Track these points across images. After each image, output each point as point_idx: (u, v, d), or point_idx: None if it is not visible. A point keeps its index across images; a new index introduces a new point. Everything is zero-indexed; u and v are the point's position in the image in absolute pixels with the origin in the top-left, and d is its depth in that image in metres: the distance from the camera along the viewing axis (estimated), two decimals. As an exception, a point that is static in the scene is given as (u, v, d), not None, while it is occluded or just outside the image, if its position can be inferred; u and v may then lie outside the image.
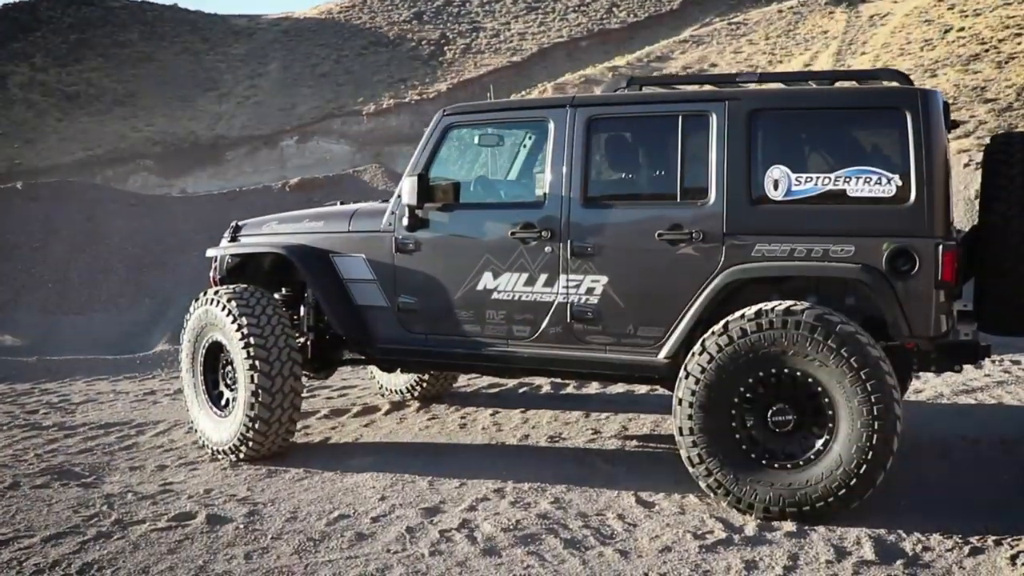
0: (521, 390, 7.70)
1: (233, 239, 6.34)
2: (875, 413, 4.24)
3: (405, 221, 5.45)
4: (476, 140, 5.62)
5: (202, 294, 5.91)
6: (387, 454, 5.81)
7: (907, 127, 4.38)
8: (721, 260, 4.69)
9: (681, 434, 4.58)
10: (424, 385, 7.35)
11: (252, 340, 5.53)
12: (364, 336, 5.72)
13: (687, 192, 4.82)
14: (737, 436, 4.52)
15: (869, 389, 4.24)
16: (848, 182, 4.46)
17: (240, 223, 6.44)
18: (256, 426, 5.53)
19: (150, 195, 15.30)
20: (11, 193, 13.34)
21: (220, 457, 5.78)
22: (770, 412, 4.48)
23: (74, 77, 31.26)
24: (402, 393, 7.51)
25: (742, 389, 4.48)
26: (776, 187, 4.60)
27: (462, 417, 6.81)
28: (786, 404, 4.45)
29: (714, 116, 4.73)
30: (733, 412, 4.51)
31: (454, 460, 5.63)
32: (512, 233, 5.16)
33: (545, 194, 5.13)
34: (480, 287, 5.30)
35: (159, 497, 5.09)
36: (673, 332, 4.84)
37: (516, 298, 5.21)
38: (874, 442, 4.24)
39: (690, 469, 4.60)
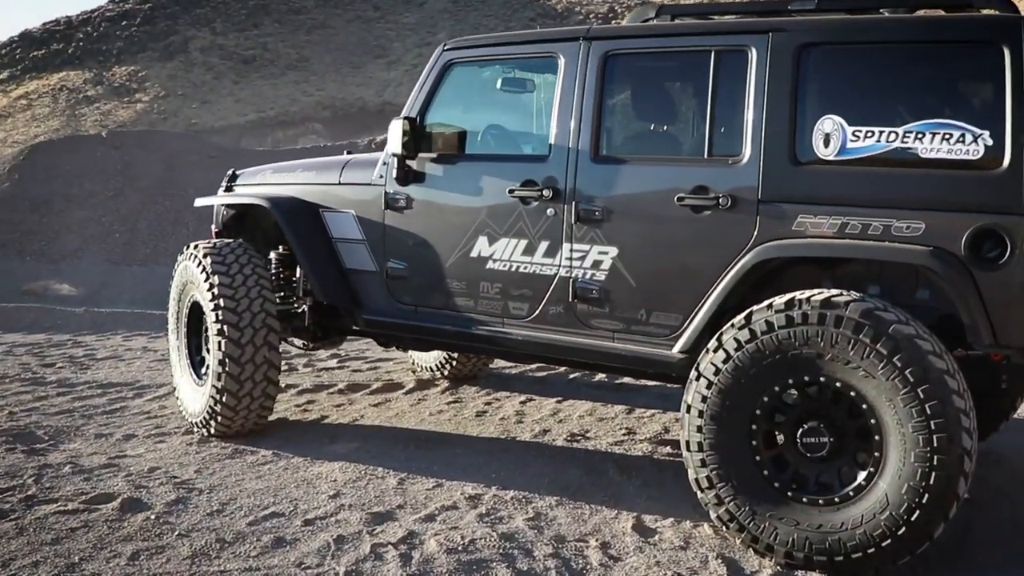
0: (572, 375, 6.85)
1: (228, 189, 5.71)
2: (934, 444, 3.22)
3: (394, 173, 4.67)
4: (499, 84, 4.79)
5: (186, 248, 5.30)
6: (375, 441, 5.09)
7: (1004, 69, 3.30)
8: (754, 233, 3.72)
9: (688, 449, 3.67)
10: (454, 363, 6.60)
11: (222, 302, 4.89)
12: (348, 304, 5.00)
13: (716, 148, 3.87)
14: (758, 458, 3.57)
15: (928, 412, 3.22)
16: (920, 139, 3.42)
17: (237, 172, 5.81)
18: (224, 399, 4.91)
19: (233, 147, 15.03)
20: (96, 141, 13.26)
21: (195, 430, 5.19)
22: (800, 431, 3.52)
23: (251, 42, 32.72)
24: (432, 371, 6.79)
25: (766, 399, 3.53)
26: (827, 143, 3.59)
27: (487, 403, 6.04)
28: (821, 422, 3.48)
29: (753, 51, 3.75)
30: (754, 427, 3.56)
31: (446, 455, 4.86)
32: (511, 191, 4.32)
33: (551, 146, 4.26)
34: (474, 254, 4.49)
35: (97, 472, 4.53)
36: (691, 321, 3.91)
37: (513, 269, 4.38)
38: (931, 482, 3.23)
39: (698, 495, 3.69)
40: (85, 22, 35.39)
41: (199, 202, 5.82)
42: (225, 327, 4.87)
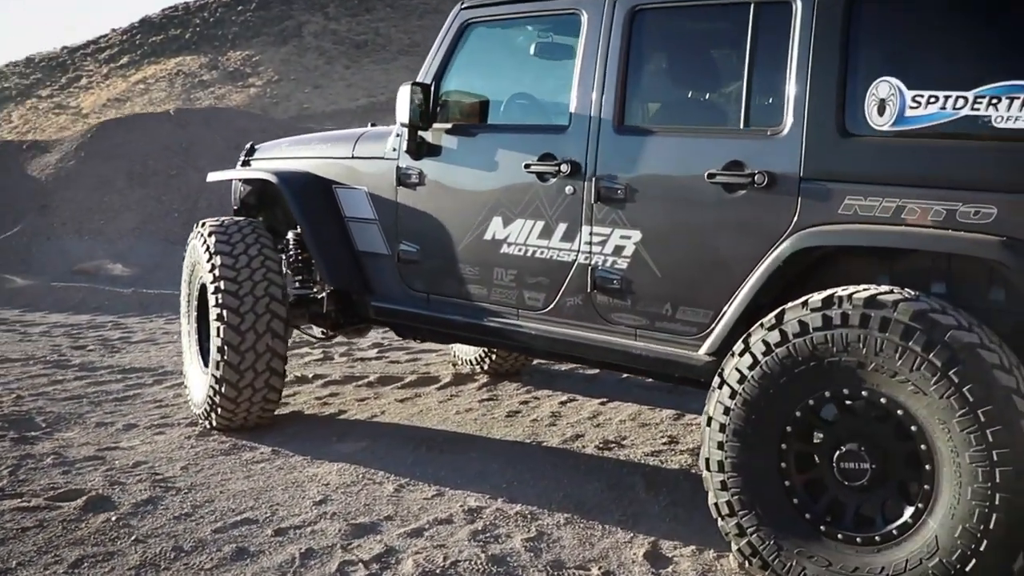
0: (624, 373, 6.40)
1: (246, 164, 5.46)
2: (997, 480, 2.70)
3: (405, 145, 4.32)
4: (532, 50, 4.39)
5: (196, 226, 5.07)
6: (386, 441, 4.77)
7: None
8: (793, 218, 3.25)
9: (708, 469, 3.22)
10: (494, 357, 6.24)
11: (222, 284, 4.63)
12: (360, 290, 4.68)
13: (754, 117, 3.40)
14: (787, 483, 3.11)
15: (990, 440, 2.71)
16: (995, 105, 2.89)
17: (256, 145, 5.55)
18: (223, 390, 4.65)
19: (304, 125, 14.93)
20: (162, 119, 13.33)
21: (199, 421, 4.96)
22: (838, 454, 3.03)
23: (363, 27, 33.47)
24: (471, 364, 6.44)
25: (798, 414, 3.06)
26: (881, 111, 3.08)
27: (523, 403, 5.65)
28: (862, 445, 2.99)
29: (798, 3, 3.26)
30: (783, 447, 3.10)
31: (458, 459, 4.50)
32: (527, 167, 3.92)
33: (571, 116, 3.84)
34: (488, 237, 4.11)
35: (78, 466, 4.33)
36: (721, 319, 3.46)
37: (529, 254, 3.98)
38: (991, 525, 2.72)
39: (718, 522, 3.24)
40: (202, 8, 36.47)
41: (211, 176, 5.59)
42: (225, 312, 4.60)
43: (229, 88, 29.27)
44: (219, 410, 4.74)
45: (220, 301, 4.61)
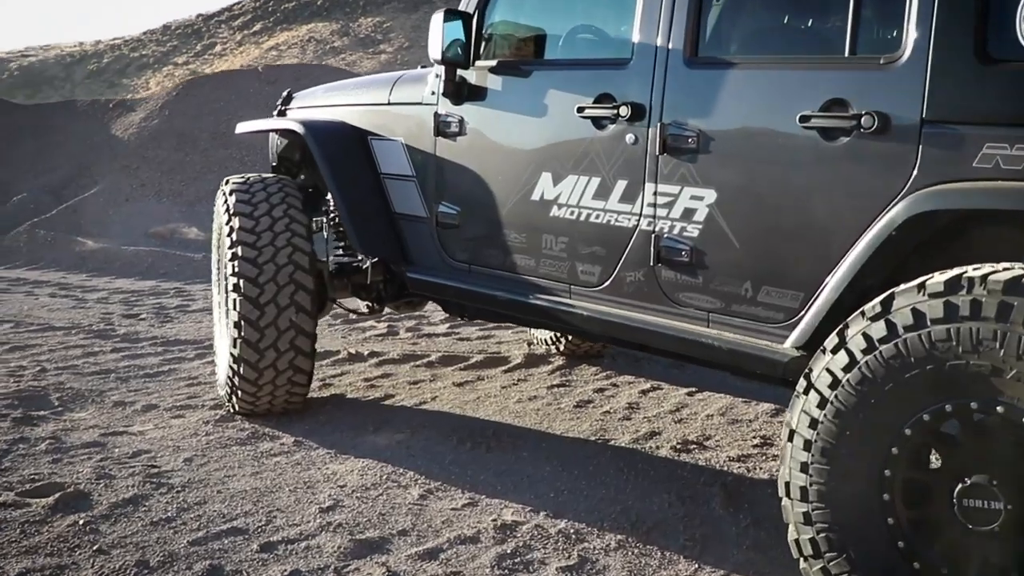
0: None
1: (281, 113, 4.97)
2: None
3: (442, 87, 3.75)
4: None
5: (222, 184, 4.61)
6: (427, 433, 4.24)
7: None
8: (912, 172, 2.54)
9: (788, 495, 2.56)
10: (570, 337, 5.63)
11: (240, 250, 4.16)
12: (394, 258, 4.14)
13: (863, 43, 2.71)
14: (890, 521, 2.42)
15: None
16: None
17: (293, 93, 5.05)
18: (242, 371, 4.19)
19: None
20: (251, 76, 13.09)
21: (224, 404, 4.53)
22: (960, 487, 2.33)
23: None
24: (546, 344, 5.86)
25: (908, 432, 2.37)
26: (1036, 25, 2.34)
27: (597, 391, 5.05)
28: (993, 477, 2.28)
29: None
30: (887, 473, 2.41)
31: (505, 459, 3.95)
32: (580, 110, 3.29)
33: (633, 47, 3.19)
34: (535, 197, 3.51)
35: (72, 453, 3.95)
36: (813, 304, 2.78)
37: (582, 218, 3.37)
38: None
39: (800, 563, 2.58)
40: (335, -27, 36.63)
41: (240, 128, 5.12)
42: (242, 282, 4.13)
43: (360, 55, 29.21)
44: (239, 393, 4.29)
45: (237, 269, 4.15)
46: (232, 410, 4.43)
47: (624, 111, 3.16)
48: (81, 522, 3.20)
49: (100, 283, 8.50)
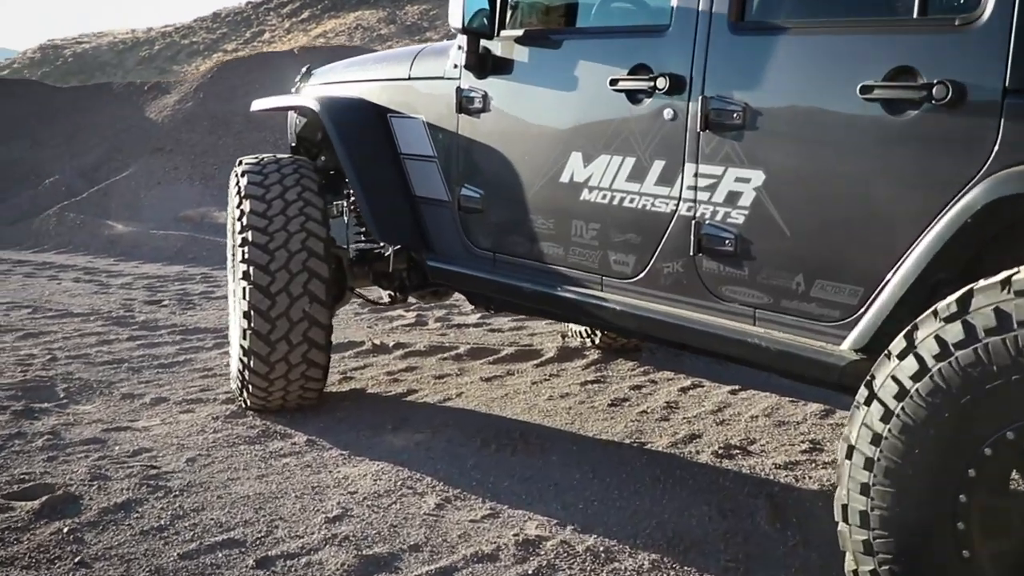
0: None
1: (301, 91, 4.71)
2: None
3: (464, 60, 3.45)
4: None
5: (236, 165, 4.37)
6: (449, 434, 3.98)
7: None
8: (993, 150, 2.21)
9: (846, 520, 2.25)
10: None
11: (250, 235, 3.91)
12: (414, 245, 3.87)
13: (933, 2, 2.36)
14: (965, 553, 2.10)
15: None
16: None
17: (313, 69, 4.78)
18: (252, 364, 3.95)
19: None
20: (286, 58, 12.89)
21: (236, 399, 4.30)
22: (1051, 518, 2.00)
23: None
24: (581, 336, 5.58)
25: (988, 452, 2.04)
26: None
27: (634, 388, 4.75)
28: (1093, 508, 1.96)
29: None
30: (962, 499, 2.09)
31: (533, 464, 3.67)
32: (613, 83, 2.98)
33: (672, 11, 2.87)
34: (564, 179, 3.21)
35: (69, 450, 3.74)
36: (874, 301, 2.45)
37: (615, 202, 3.07)
38: None
39: (859, 597, 2.26)
40: (381, -38, 36.53)
41: (255, 106, 4.87)
42: (251, 269, 3.88)
43: (407, 42, 29.05)
44: (250, 387, 4.05)
45: (247, 255, 3.90)
46: (244, 405, 4.19)
47: (662, 83, 2.85)
48: (66, 530, 2.96)
49: (127, 268, 8.34)
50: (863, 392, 2.21)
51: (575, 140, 3.15)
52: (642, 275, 3.04)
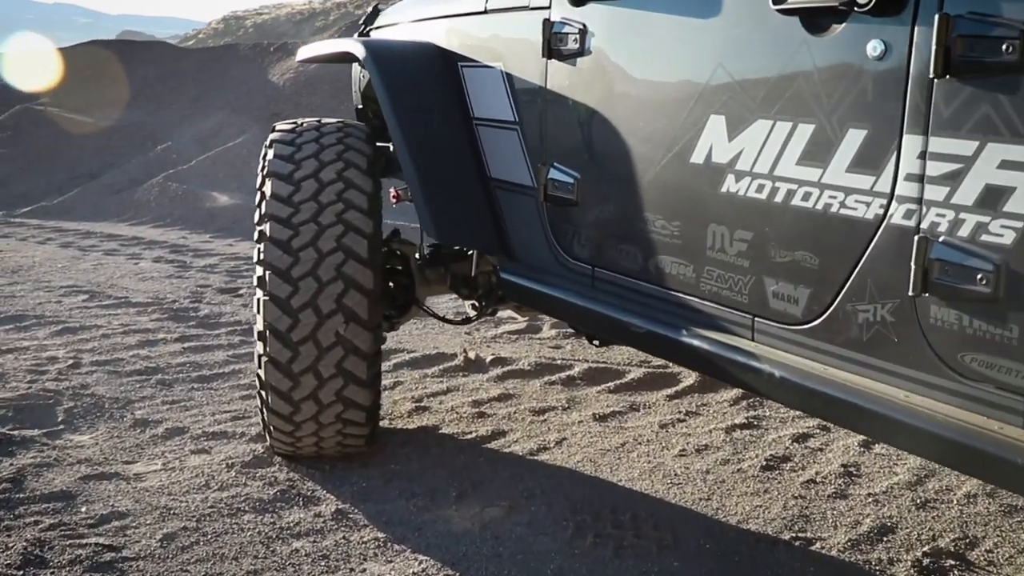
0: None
1: (365, 35, 3.70)
2: None
3: (557, -19, 2.36)
4: None
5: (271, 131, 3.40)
6: (530, 512, 2.92)
7: None
8: None
9: None
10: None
11: (269, 228, 2.92)
12: (480, 245, 2.81)
13: None
14: None
15: None
16: None
17: (381, 6, 3.76)
18: (271, 402, 2.97)
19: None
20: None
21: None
22: None
23: None
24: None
25: None
26: None
27: (797, 439, 3.59)
28: None
29: None
30: None
31: (641, 572, 2.55)
32: (777, 3, 1.82)
33: None
34: (697, 158, 2.07)
35: (21, 510, 2.85)
36: None
37: (777, 198, 1.91)
38: None
39: None
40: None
41: (300, 54, 3.90)
42: (267, 274, 2.90)
43: None
44: (271, 429, 3.08)
45: (263, 256, 2.92)
46: (273, 450, 3.24)
47: (863, 1, 1.68)
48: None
49: (219, 246, 7.60)
50: None
51: (716, 97, 2.01)
52: (819, 321, 1.88)
